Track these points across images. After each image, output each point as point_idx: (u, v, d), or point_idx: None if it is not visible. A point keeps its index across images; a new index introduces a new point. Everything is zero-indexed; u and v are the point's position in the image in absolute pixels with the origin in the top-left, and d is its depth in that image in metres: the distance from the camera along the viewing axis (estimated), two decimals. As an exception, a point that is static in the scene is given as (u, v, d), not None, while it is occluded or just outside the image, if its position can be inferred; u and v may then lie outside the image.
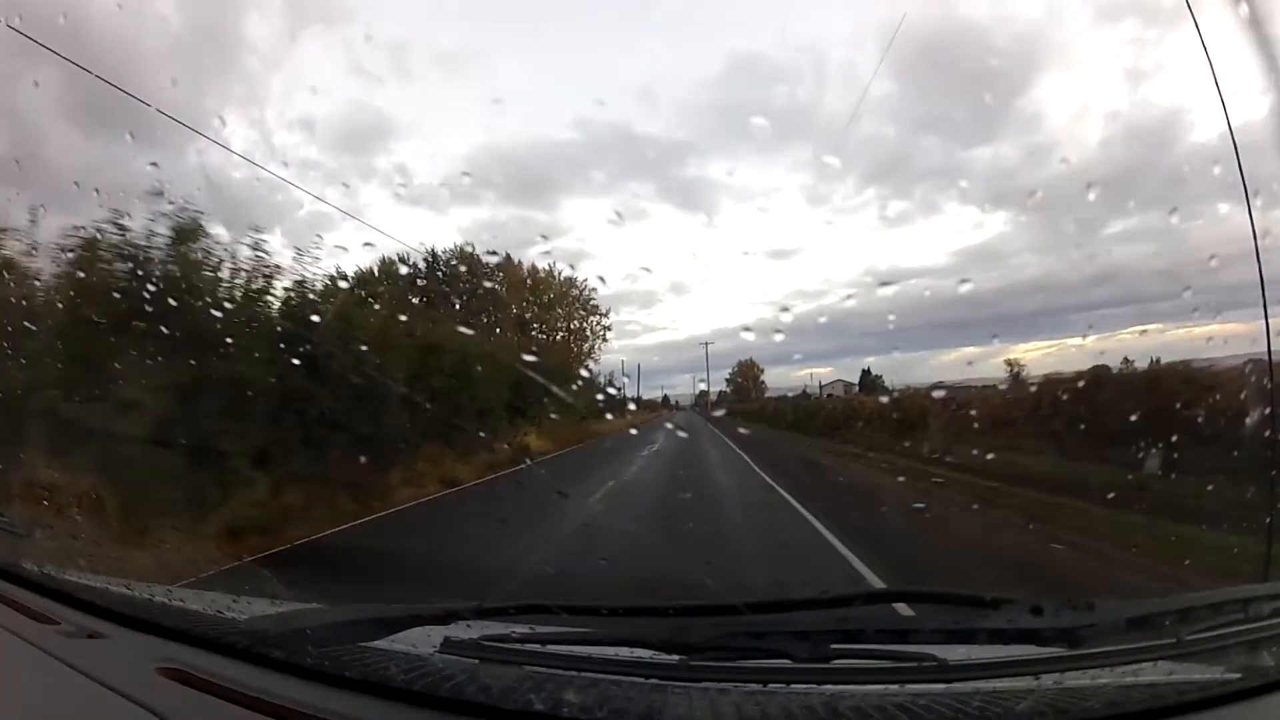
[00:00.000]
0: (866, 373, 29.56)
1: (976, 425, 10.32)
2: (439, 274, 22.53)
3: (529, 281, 26.95)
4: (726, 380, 40.96)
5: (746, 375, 40.65)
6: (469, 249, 23.68)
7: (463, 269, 22.96)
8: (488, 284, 24.14)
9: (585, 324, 30.19)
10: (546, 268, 27.58)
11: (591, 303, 29.50)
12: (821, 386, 32.68)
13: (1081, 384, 8.80)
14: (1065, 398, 9.14)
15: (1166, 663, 1.06)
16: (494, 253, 25.68)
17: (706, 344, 31.03)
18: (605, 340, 30.30)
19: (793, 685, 1.00)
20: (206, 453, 6.60)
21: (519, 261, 25.86)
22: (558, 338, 28.71)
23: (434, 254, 22.05)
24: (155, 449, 6.07)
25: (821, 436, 18.96)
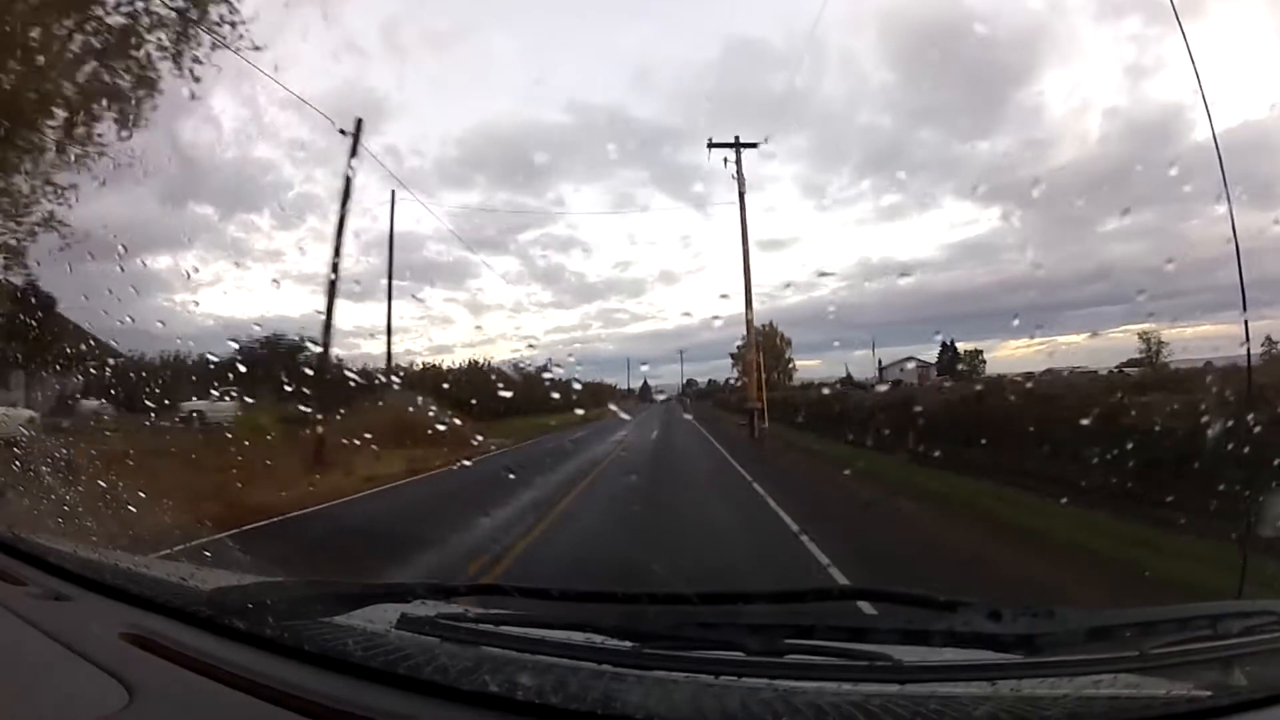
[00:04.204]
0: (947, 348, 21.95)
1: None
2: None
3: None
4: (732, 357, 29.18)
5: (767, 350, 26.41)
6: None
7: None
8: None
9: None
10: None
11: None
12: (882, 368, 23.54)
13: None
14: None
15: (1127, 675, 1.03)
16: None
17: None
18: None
19: (744, 678, 0.99)
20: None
21: None
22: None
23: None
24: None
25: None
